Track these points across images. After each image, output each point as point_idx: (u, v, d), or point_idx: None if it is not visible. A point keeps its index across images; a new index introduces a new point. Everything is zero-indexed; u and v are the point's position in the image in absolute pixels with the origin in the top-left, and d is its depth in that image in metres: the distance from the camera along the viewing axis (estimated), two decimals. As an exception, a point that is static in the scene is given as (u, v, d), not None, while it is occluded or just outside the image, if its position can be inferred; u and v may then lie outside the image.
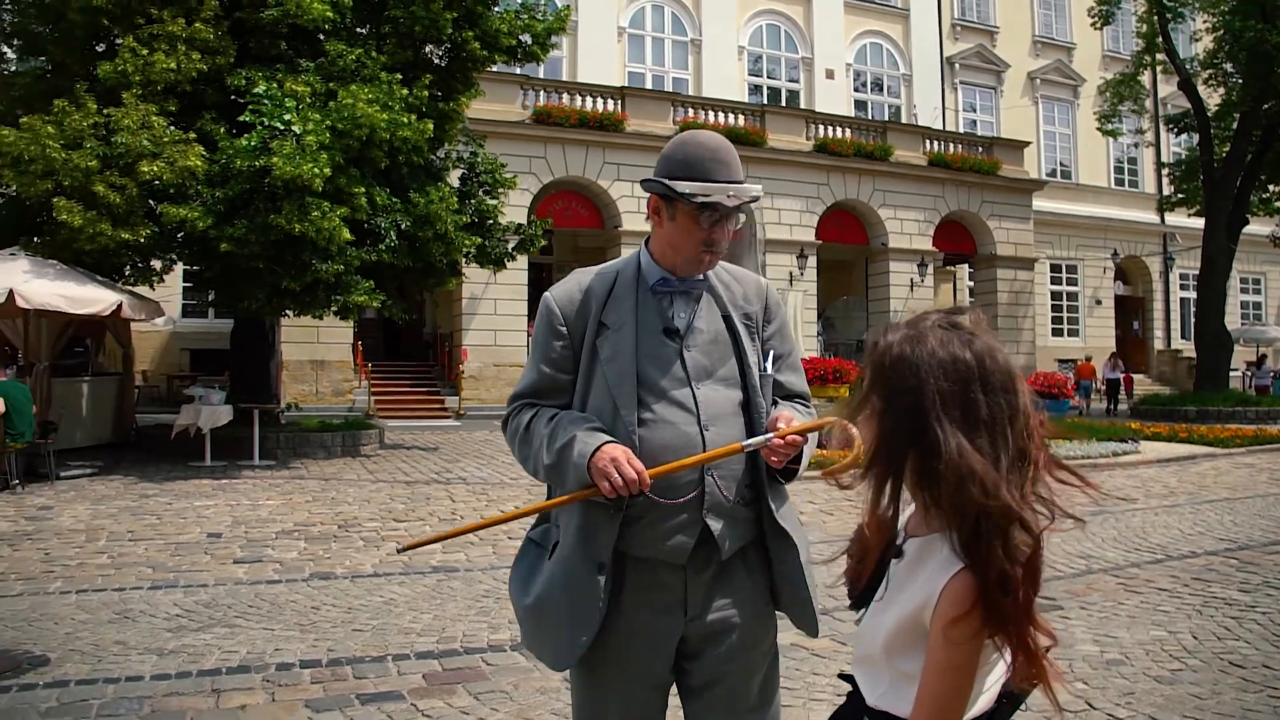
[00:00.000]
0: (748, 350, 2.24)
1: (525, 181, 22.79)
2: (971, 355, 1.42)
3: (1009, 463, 1.39)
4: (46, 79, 12.89)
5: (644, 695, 2.21)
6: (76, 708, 4.20)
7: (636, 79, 27.09)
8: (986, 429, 1.39)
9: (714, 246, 2.18)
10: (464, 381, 22.43)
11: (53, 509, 9.39)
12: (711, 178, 2.12)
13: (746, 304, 2.29)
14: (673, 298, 2.24)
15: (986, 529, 1.36)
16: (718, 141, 2.19)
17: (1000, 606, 1.35)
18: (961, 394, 1.39)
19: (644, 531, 2.13)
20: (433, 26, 13.86)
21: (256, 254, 12.21)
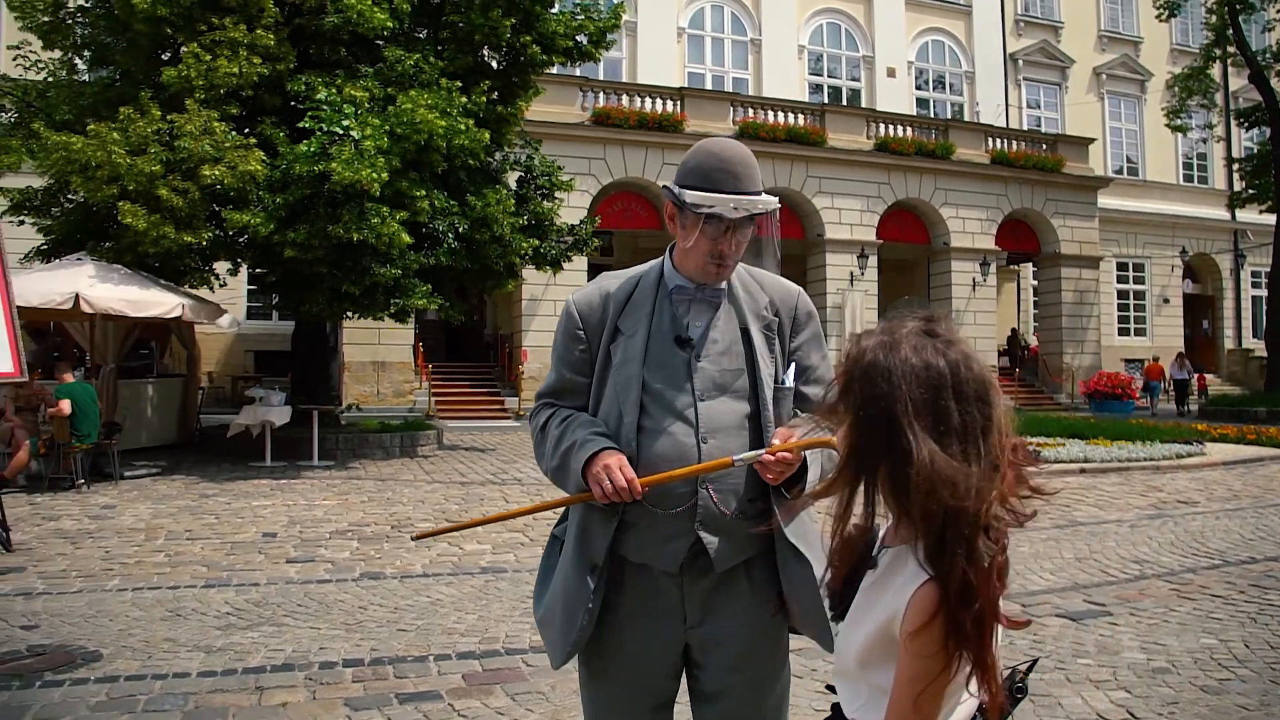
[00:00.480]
0: (762, 362, 2.19)
1: (585, 183, 22.90)
2: (945, 363, 1.39)
3: (984, 473, 1.36)
4: (114, 87, 13.23)
5: (647, 700, 2.20)
6: (124, 702, 4.28)
7: (696, 79, 27.04)
8: (958, 437, 1.35)
9: (721, 258, 2.15)
10: (523, 382, 22.58)
11: (115, 508, 9.62)
12: (718, 188, 2.08)
13: (769, 313, 2.24)
14: (690, 305, 2.21)
15: (951, 539, 1.33)
16: (731, 152, 2.14)
17: (961, 619, 1.32)
18: (933, 401, 1.36)
19: (638, 538, 2.13)
20: (491, 32, 13.98)
21: (318, 259, 12.40)
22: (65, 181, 11.95)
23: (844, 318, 24.81)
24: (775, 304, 2.26)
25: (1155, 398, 26.12)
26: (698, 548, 2.11)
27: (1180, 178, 33.40)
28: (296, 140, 12.38)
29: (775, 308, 2.26)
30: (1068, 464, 12.87)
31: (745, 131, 24.20)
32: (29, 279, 11.79)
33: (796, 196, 25.06)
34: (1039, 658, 1.60)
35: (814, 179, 24.85)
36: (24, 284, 11.37)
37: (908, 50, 29.66)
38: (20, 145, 12.04)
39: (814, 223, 25.32)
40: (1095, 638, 5.31)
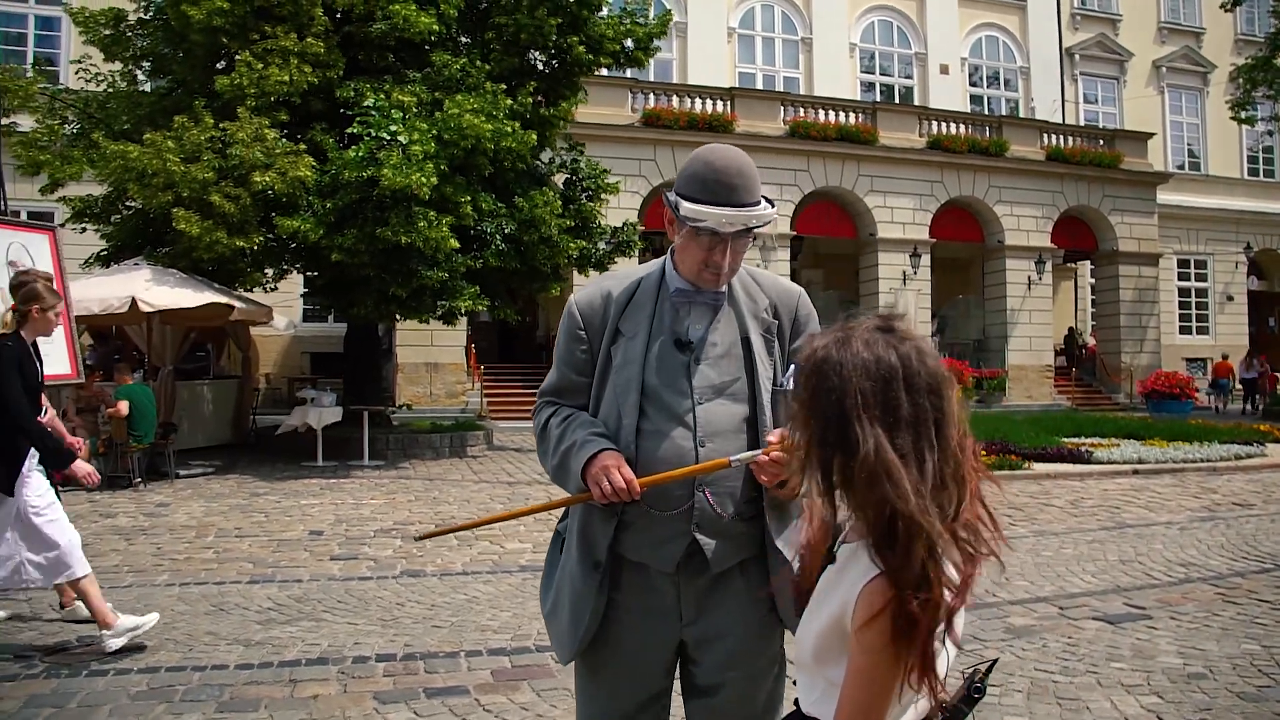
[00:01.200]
0: (760, 366, 2.20)
1: (635, 184, 22.98)
2: (897, 356, 1.41)
3: (938, 467, 1.37)
4: (171, 96, 13.60)
5: (641, 694, 2.23)
6: (163, 692, 4.42)
7: (747, 79, 26.99)
8: (910, 428, 1.37)
9: (715, 268, 2.15)
10: (575, 382, 22.65)
11: (169, 506, 9.88)
12: (712, 200, 2.08)
13: (769, 315, 2.26)
14: (691, 308, 2.22)
15: (902, 533, 1.34)
16: (727, 161, 2.12)
17: (909, 615, 1.33)
18: (883, 393, 1.38)
19: (636, 537, 2.16)
20: (538, 33, 14.10)
21: (365, 262, 12.61)
22: (123, 189, 12.31)
23: (895, 318, 24.57)
24: (775, 306, 2.27)
25: (1224, 395, 25.51)
26: (694, 549, 2.14)
27: (1245, 171, 32.56)
28: (346, 146, 12.61)
29: (775, 309, 2.27)
30: (1120, 465, 12.65)
31: (796, 131, 24.12)
32: (89, 284, 12.18)
33: (848, 196, 24.90)
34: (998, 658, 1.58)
35: (866, 178, 24.66)
36: (84, 289, 11.77)
37: (961, 46, 29.30)
38: (81, 155, 12.43)
39: (866, 222, 25.13)
40: (1131, 641, 5.24)
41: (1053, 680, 4.62)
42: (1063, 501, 10.34)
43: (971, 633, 5.40)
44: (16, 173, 13.55)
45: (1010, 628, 5.53)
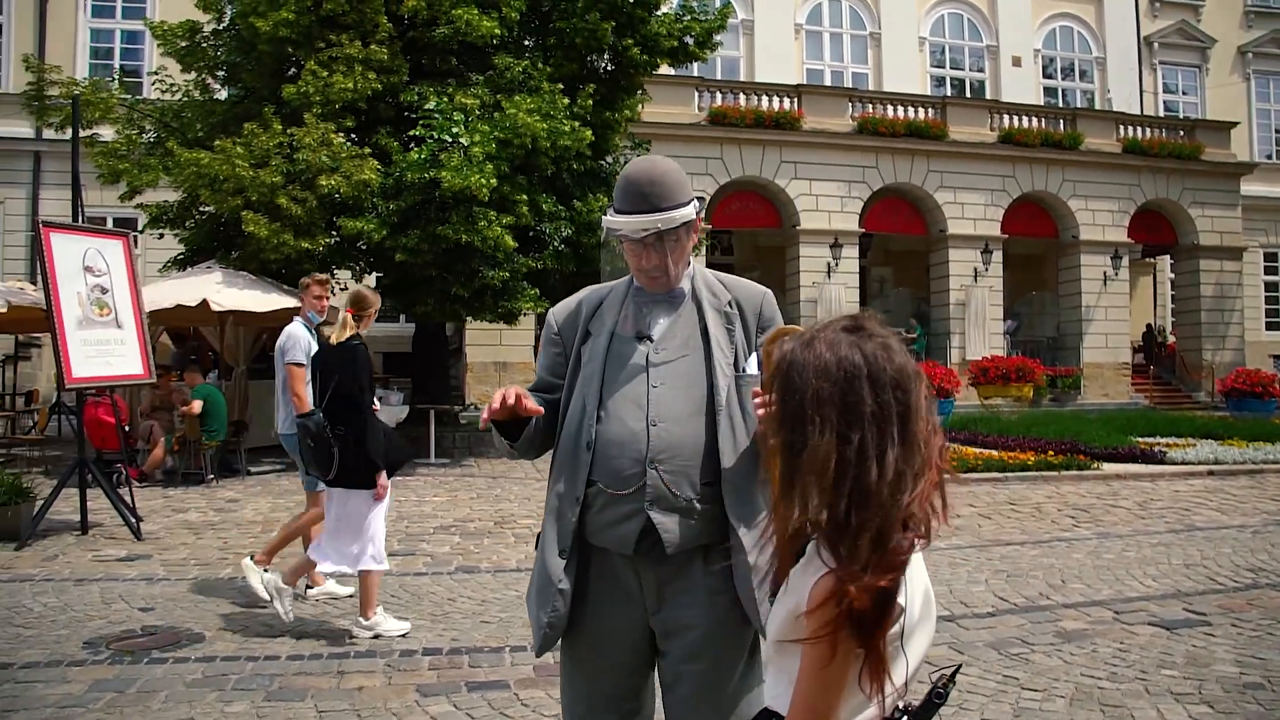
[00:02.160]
0: (718, 352, 2.28)
1: (702, 183, 22.97)
2: (861, 355, 1.43)
3: (900, 461, 1.40)
4: (243, 103, 14.00)
5: (617, 685, 2.28)
6: (216, 680, 4.58)
7: (815, 76, 26.78)
8: (873, 424, 1.40)
9: (648, 272, 2.30)
10: (645, 381, 22.74)
11: (239, 501, 10.18)
12: (628, 208, 2.23)
13: (731, 309, 2.35)
14: (653, 306, 2.35)
15: (853, 529, 1.37)
16: (640, 173, 2.26)
17: (856, 609, 1.35)
18: (842, 394, 1.41)
19: (595, 519, 2.24)
20: (592, 37, 14.20)
21: (428, 262, 12.84)
22: (196, 195, 12.72)
23: (966, 315, 24.18)
24: (739, 302, 2.37)
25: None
26: (649, 528, 2.18)
27: (1339, 161, 31.29)
28: (410, 148, 12.85)
29: (739, 305, 2.37)
30: (1194, 466, 12.31)
31: (864, 127, 23.88)
32: (164, 286, 12.60)
33: (917, 192, 24.58)
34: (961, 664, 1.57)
35: (935, 173, 24.29)
36: (160, 291, 12.18)
37: (1034, 38, 28.66)
38: (157, 163, 12.87)
39: (936, 218, 24.76)
40: (1187, 648, 5.11)
41: (1099, 686, 4.54)
42: (1131, 503, 10.10)
43: (1019, 636, 5.33)
44: (99, 181, 14.05)
45: (1060, 631, 5.44)
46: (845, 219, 23.74)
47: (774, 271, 25.49)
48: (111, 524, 8.45)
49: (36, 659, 4.90)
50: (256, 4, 12.70)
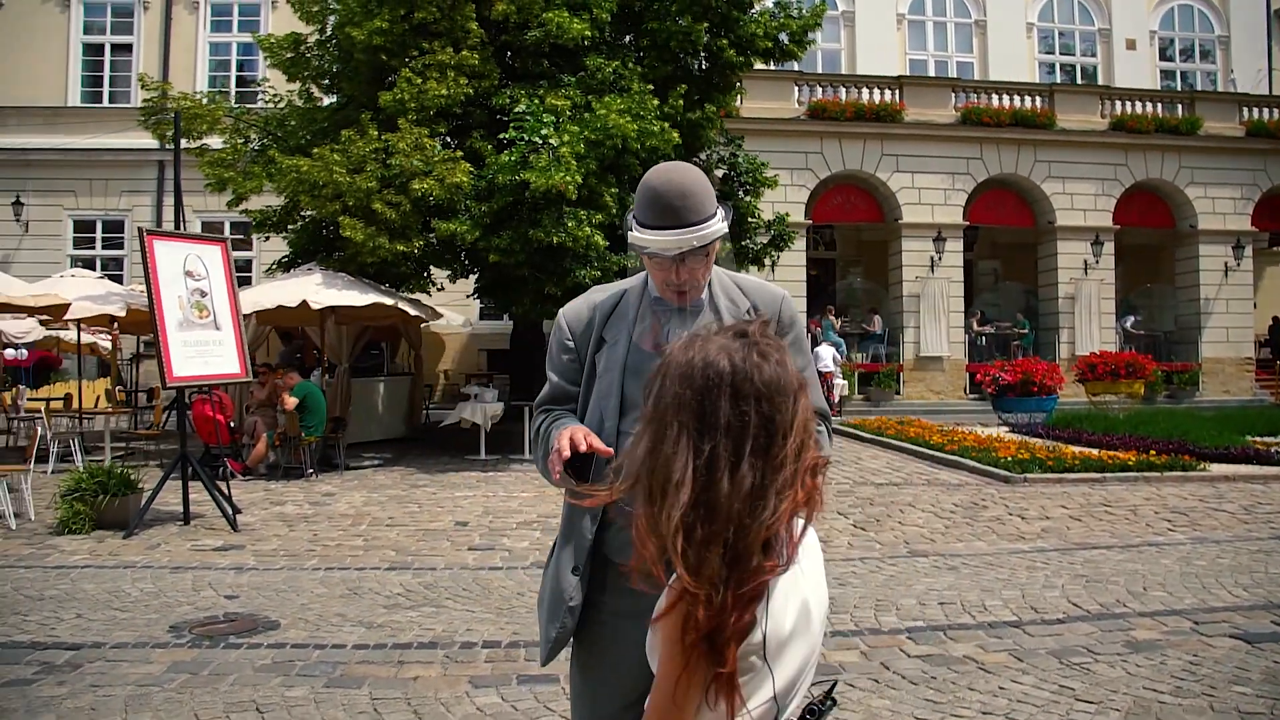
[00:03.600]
0: None
1: (802, 178, 22.85)
2: (729, 363, 1.40)
3: (760, 477, 1.36)
4: (343, 111, 14.50)
5: (626, 700, 2.20)
6: (283, 666, 4.82)
7: (918, 66, 26.23)
8: (729, 434, 1.37)
9: (675, 287, 2.20)
10: (739, 378, 22.72)
11: (334, 495, 10.57)
12: (658, 223, 2.12)
13: (750, 318, 2.22)
14: (671, 315, 2.27)
15: (699, 538, 1.34)
16: (669, 184, 2.14)
17: (697, 620, 1.33)
18: (700, 400, 1.38)
19: (616, 536, 2.19)
20: (686, 39, 14.26)
21: (521, 262, 13.09)
22: (296, 200, 13.23)
23: (1076, 309, 23.40)
24: (757, 309, 2.29)
25: None
26: None
27: None
28: (502, 151, 13.11)
29: (757, 312, 2.28)
30: (1310, 468, 11.68)
31: (968, 117, 23.32)
32: (268, 288, 13.16)
33: (1024, 183, 23.88)
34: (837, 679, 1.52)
35: (1043, 163, 23.56)
36: (264, 293, 12.74)
37: (1150, 19, 27.47)
38: (261, 171, 13.44)
39: (1043, 209, 24.01)
40: (1266, 664, 4.88)
41: (1159, 701, 4.38)
42: (1235, 507, 9.66)
43: (1085, 645, 5.19)
44: (206, 189, 14.78)
45: (1130, 641, 5.26)
46: (949, 212, 23.23)
47: (877, 266, 25.15)
48: (212, 515, 8.89)
49: (125, 640, 5.23)
50: (352, 14, 13.14)
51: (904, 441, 14.52)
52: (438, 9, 13.14)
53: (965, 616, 5.78)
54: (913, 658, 5.00)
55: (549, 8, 13.47)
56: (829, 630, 5.44)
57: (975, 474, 11.88)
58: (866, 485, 11.23)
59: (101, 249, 23.22)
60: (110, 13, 23.77)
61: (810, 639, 1.48)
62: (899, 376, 23.04)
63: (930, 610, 5.91)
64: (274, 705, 4.28)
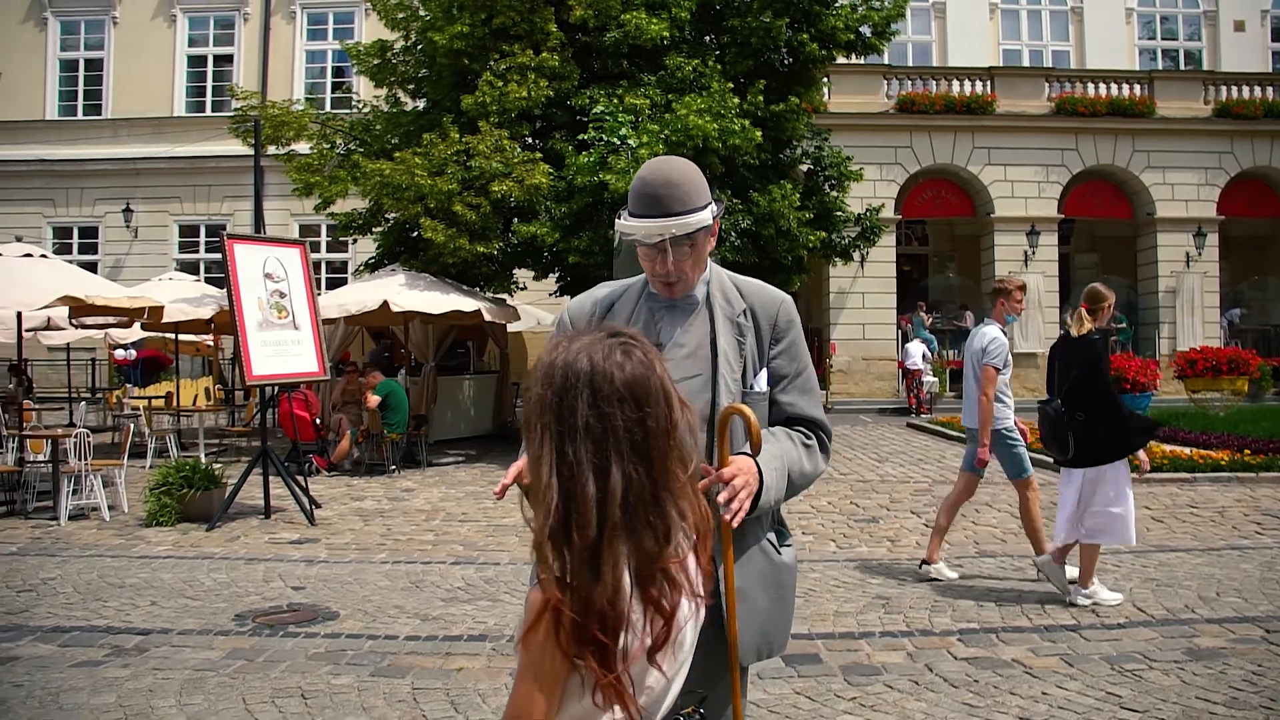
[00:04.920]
0: (725, 366, 2.23)
1: (891, 173, 22.57)
2: (589, 363, 1.38)
3: (629, 483, 1.34)
4: (427, 115, 14.82)
5: None
6: (334, 655, 5.00)
7: (1011, 57, 25.56)
8: (590, 436, 1.34)
9: (660, 277, 2.22)
10: (832, 375, 22.58)
11: (413, 491, 10.83)
12: (642, 212, 2.15)
13: (745, 320, 2.28)
14: (665, 311, 2.29)
15: (563, 542, 1.33)
16: (654, 174, 2.18)
17: (558, 623, 1.31)
18: (558, 400, 1.37)
19: None
20: (768, 35, 14.21)
21: (600, 263, 13.21)
22: (380, 203, 13.58)
23: (1177, 303, 22.53)
24: (754, 311, 2.30)
25: None
26: None
27: None
28: (582, 151, 13.25)
29: (754, 315, 2.29)
30: None
31: (1062, 108, 22.68)
32: (353, 289, 13.56)
33: (1122, 173, 23.10)
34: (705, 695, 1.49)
35: (1141, 153, 22.75)
36: (349, 294, 13.12)
37: (1261, -1, 26.26)
38: (346, 175, 13.83)
39: (1143, 200, 23.18)
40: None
41: (1210, 711, 4.22)
42: (1335, 510, 9.23)
43: (1142, 651, 5.03)
44: (294, 194, 15.29)
45: (1191, 648, 5.07)
46: (1043, 205, 22.63)
47: (969, 261, 24.64)
48: (293, 509, 9.21)
49: (191, 627, 5.49)
50: (434, 20, 13.43)
51: (989, 440, 14.16)
52: (517, 13, 13.34)
53: (1022, 619, 5.66)
54: (959, 660, 4.93)
55: (627, 9, 13.55)
56: (879, 630, 5.42)
57: (1056, 472, 11.52)
58: (945, 484, 11.01)
59: (205, 252, 24.20)
60: (213, 25, 24.78)
61: (682, 651, 1.46)
62: (991, 373, 22.46)
63: (986, 612, 5.81)
64: (318, 692, 4.45)
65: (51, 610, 5.90)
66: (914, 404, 20.02)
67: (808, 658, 4.97)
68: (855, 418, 20.01)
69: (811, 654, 5.04)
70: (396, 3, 14.90)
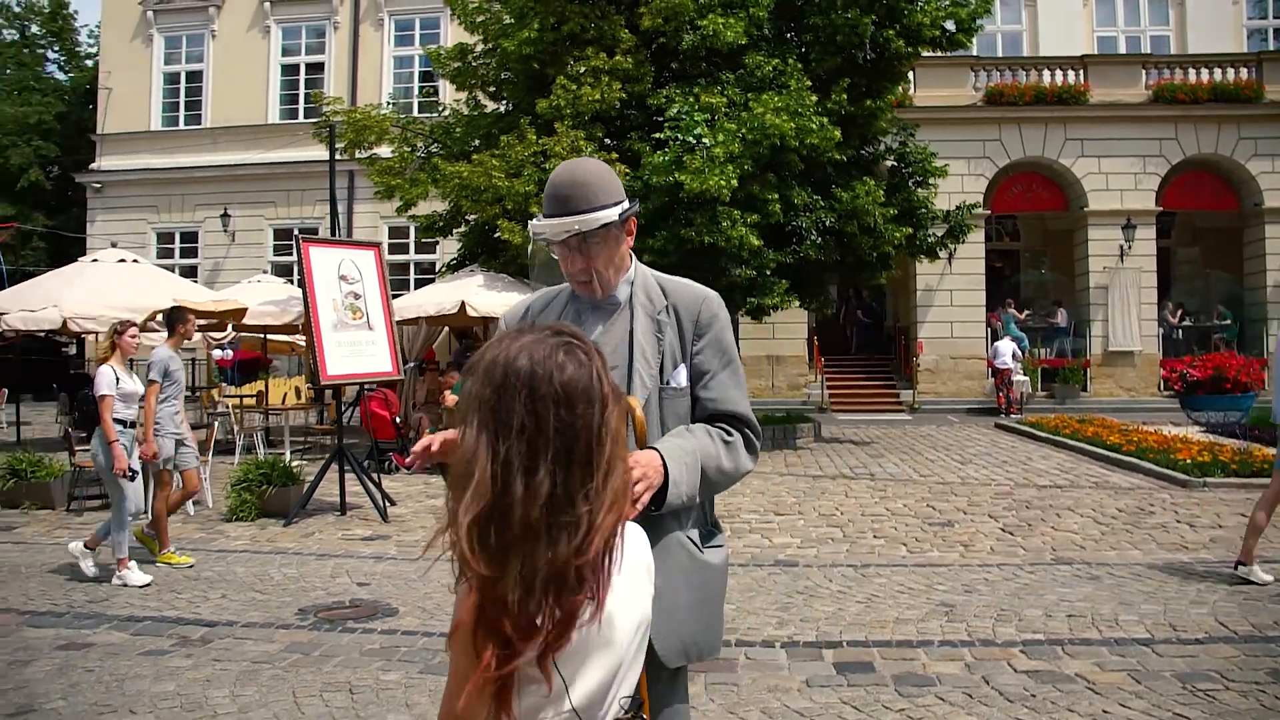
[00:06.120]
0: (640, 363, 2.23)
1: (980, 167, 22.13)
2: (528, 362, 1.37)
3: (558, 481, 1.32)
4: (505, 117, 15.01)
5: None
6: (388, 651, 5.07)
7: (1107, 44, 24.67)
8: (524, 436, 1.33)
9: (575, 276, 2.25)
10: (919, 374, 22.20)
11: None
12: (550, 212, 2.19)
13: (666, 316, 2.28)
14: (590, 312, 2.31)
15: (489, 545, 1.32)
16: (562, 174, 2.22)
17: (473, 624, 1.31)
18: (495, 399, 1.35)
19: None
20: (852, 31, 14.02)
21: (675, 263, 13.19)
22: (459, 205, 13.78)
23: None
24: (675, 309, 2.30)
25: None
26: None
27: None
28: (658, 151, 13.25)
29: (675, 312, 2.29)
30: None
31: (1160, 95, 21.86)
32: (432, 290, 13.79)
33: (1226, 163, 22.14)
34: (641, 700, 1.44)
35: (1248, 140, 21.75)
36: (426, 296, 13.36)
37: (1384, -26, 24.85)
38: (426, 178, 14.08)
39: (1249, 191, 22.17)
40: None
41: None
42: None
43: (1219, 669, 4.76)
44: (376, 196, 15.61)
45: (1276, 669, 4.73)
46: (1140, 197, 21.83)
47: (1063, 257, 23.91)
48: (369, 506, 9.38)
49: (255, 620, 5.64)
50: (505, 27, 13.59)
51: (1079, 441, 13.79)
52: (587, 19, 13.41)
53: (1091, 631, 5.44)
54: (1019, 673, 4.76)
55: (703, 12, 13.49)
56: (938, 639, 5.26)
57: (1150, 477, 11.15)
58: (1028, 487, 10.73)
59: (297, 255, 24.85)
60: (305, 34, 25.50)
61: (614, 652, 1.42)
62: (1085, 372, 21.85)
63: (1054, 623, 5.60)
64: (366, 687, 4.52)
65: (129, 600, 6.14)
66: (1003, 404, 19.53)
67: (860, 666, 4.87)
68: (942, 418, 19.64)
69: (865, 662, 4.93)
70: (475, 6, 15.10)
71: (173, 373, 7.15)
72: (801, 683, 4.63)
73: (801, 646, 5.21)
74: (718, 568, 2.26)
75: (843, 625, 5.59)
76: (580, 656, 1.37)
